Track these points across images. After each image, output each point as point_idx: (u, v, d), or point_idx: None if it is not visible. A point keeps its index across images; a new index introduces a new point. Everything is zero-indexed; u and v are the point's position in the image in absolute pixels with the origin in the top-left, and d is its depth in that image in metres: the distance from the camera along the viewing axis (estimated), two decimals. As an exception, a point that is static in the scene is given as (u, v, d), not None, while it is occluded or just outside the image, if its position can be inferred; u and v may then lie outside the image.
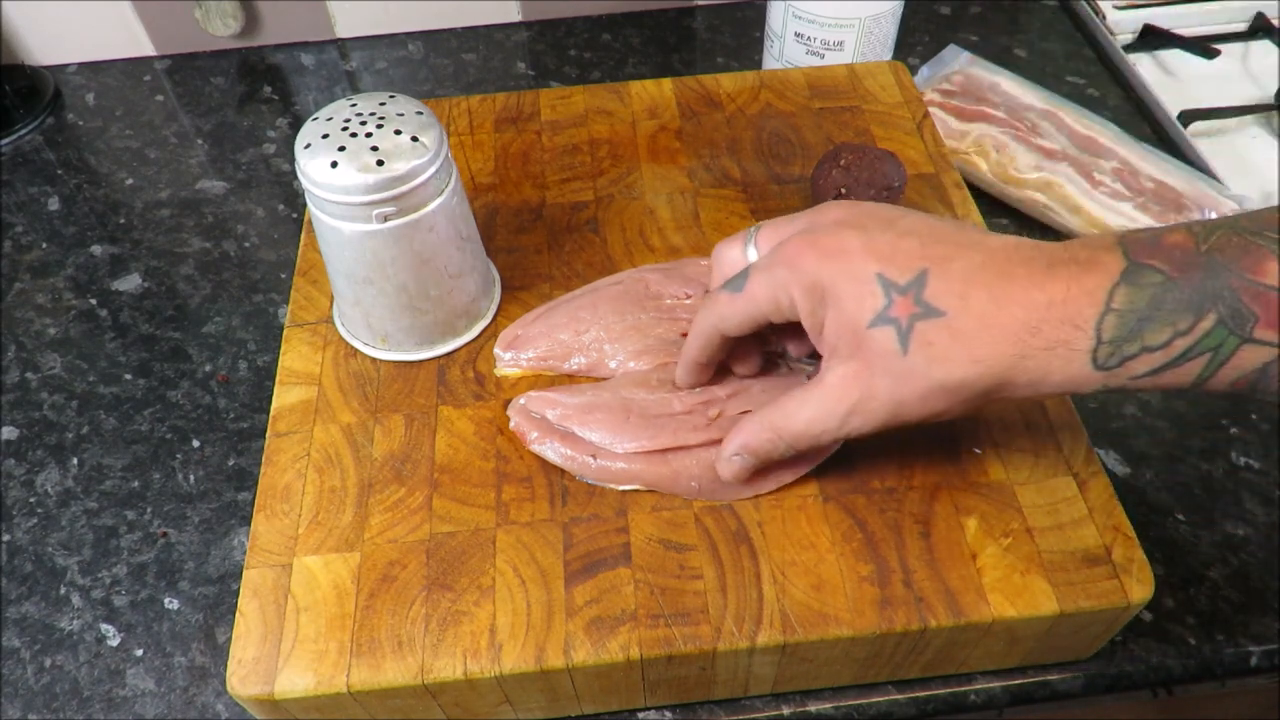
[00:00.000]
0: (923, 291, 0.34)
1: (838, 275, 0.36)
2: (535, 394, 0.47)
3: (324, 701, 0.39)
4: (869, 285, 0.35)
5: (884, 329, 0.35)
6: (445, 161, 0.44)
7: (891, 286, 0.35)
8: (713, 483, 0.43)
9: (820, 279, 0.36)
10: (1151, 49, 0.80)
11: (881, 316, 0.35)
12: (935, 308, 0.34)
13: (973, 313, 0.34)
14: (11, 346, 0.63)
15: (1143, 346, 0.32)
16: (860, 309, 0.35)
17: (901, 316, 0.35)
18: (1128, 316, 0.32)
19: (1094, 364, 0.33)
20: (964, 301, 0.34)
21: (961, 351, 0.34)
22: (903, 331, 0.35)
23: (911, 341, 0.34)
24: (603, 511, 0.43)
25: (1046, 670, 0.46)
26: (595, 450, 0.44)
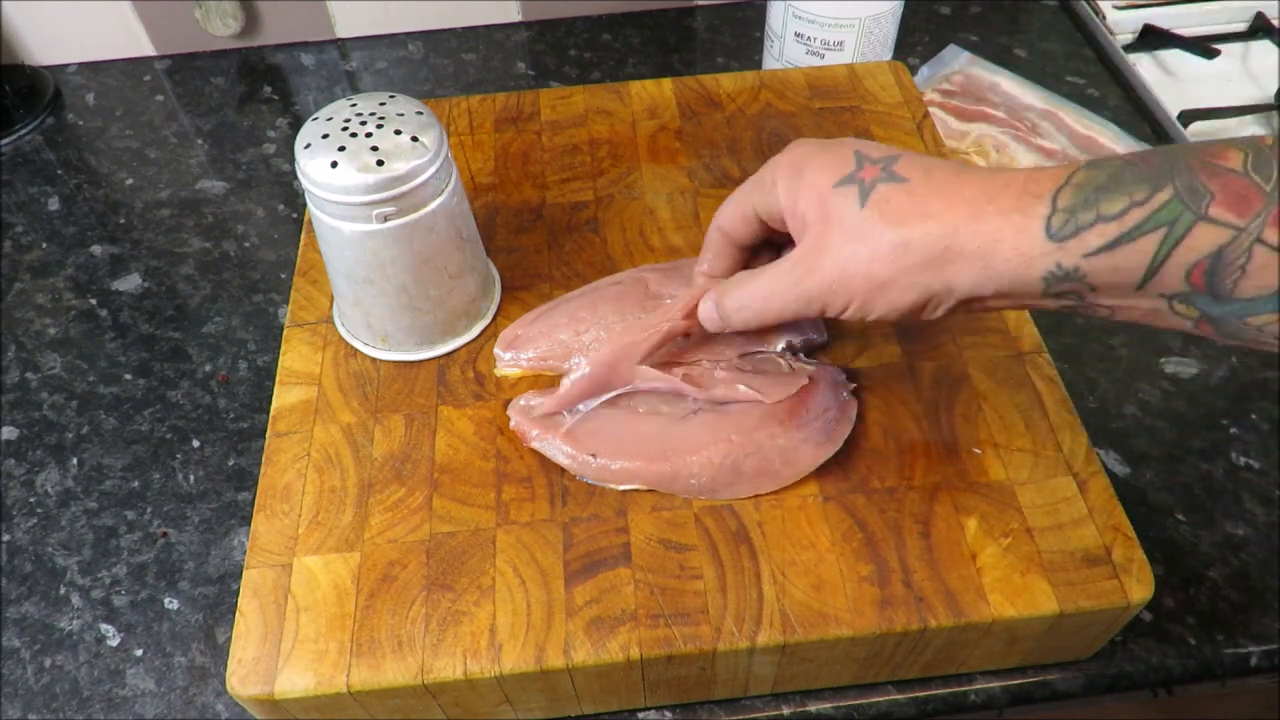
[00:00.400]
0: (892, 165, 0.37)
1: (818, 151, 0.39)
2: (536, 393, 0.47)
3: (324, 701, 0.39)
4: (844, 155, 0.38)
5: (847, 188, 0.37)
6: (445, 161, 0.44)
7: (864, 157, 0.37)
8: (713, 481, 0.43)
9: (803, 155, 0.39)
10: (1151, 49, 0.80)
11: (847, 178, 0.37)
12: (899, 174, 0.36)
13: (934, 181, 0.35)
14: (11, 346, 0.63)
15: (1098, 215, 0.32)
16: (830, 173, 0.37)
17: (866, 178, 0.36)
18: (1085, 188, 0.32)
19: (1047, 233, 0.33)
20: (927, 173, 0.36)
21: (916, 209, 0.35)
22: (864, 190, 0.36)
23: (870, 198, 0.36)
24: (603, 511, 0.43)
25: (1046, 670, 0.46)
26: (596, 449, 0.44)
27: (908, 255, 0.35)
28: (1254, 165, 0.30)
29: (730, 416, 0.44)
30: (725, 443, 0.43)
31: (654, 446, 0.44)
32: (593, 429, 0.45)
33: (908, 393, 0.47)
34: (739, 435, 0.43)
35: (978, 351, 0.48)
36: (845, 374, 0.47)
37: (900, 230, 0.35)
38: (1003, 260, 0.34)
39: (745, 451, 0.43)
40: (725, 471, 0.43)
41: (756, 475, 0.43)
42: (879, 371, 0.48)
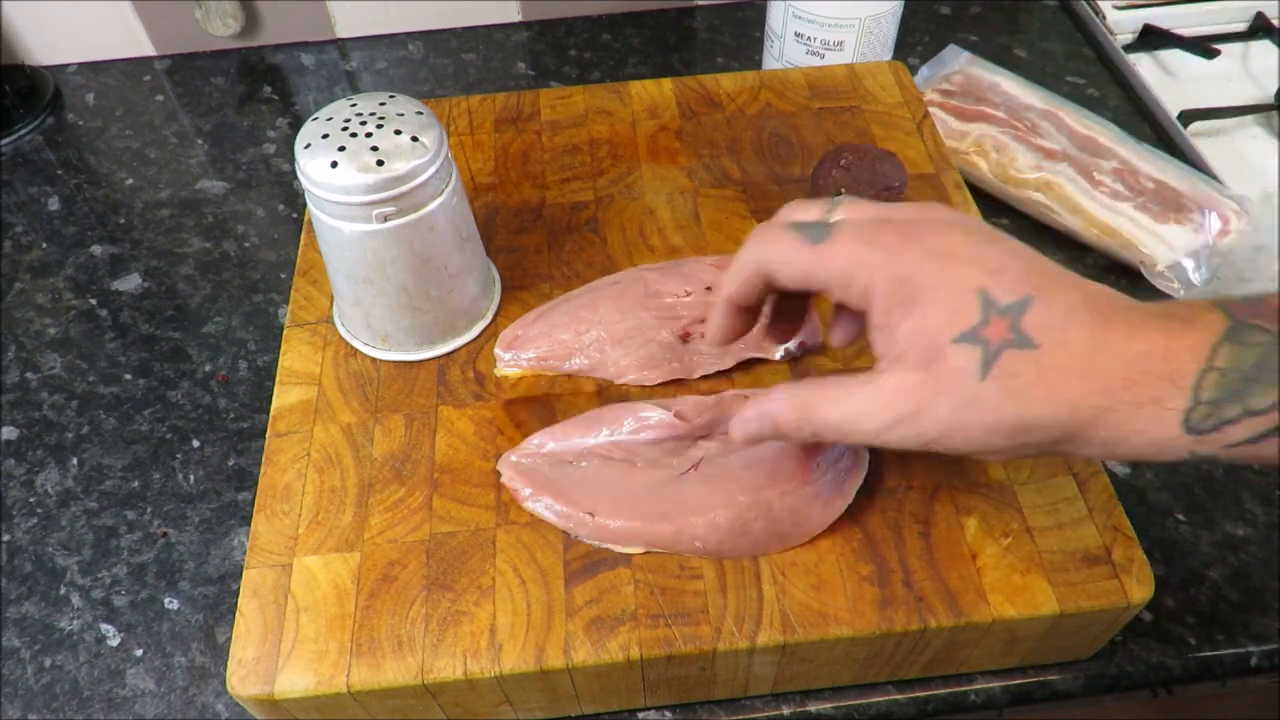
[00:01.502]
0: (1021, 319, 0.31)
1: (936, 278, 0.32)
2: (526, 447, 0.45)
3: (324, 701, 0.39)
4: (967, 298, 0.32)
5: (968, 348, 0.32)
6: (445, 161, 0.44)
7: (991, 305, 0.32)
8: (719, 544, 0.41)
9: (914, 276, 0.33)
10: (1151, 49, 0.80)
11: (970, 334, 0.32)
12: (1030, 338, 0.31)
13: (1067, 352, 0.31)
14: (11, 346, 0.63)
15: (1244, 410, 0.30)
16: (950, 321, 0.32)
17: (992, 339, 0.31)
18: (1231, 376, 0.29)
19: (1186, 426, 0.30)
20: (1061, 338, 0.31)
21: (1045, 391, 0.31)
22: (988, 355, 0.31)
23: (994, 368, 0.31)
24: (603, 511, 0.43)
25: (1046, 670, 0.46)
26: (593, 506, 0.42)
27: (1028, 435, 0.32)
28: None
29: (736, 473, 0.42)
30: (733, 505, 0.41)
31: (654, 505, 0.42)
32: (587, 484, 0.43)
33: (908, 393, 0.47)
34: (746, 495, 0.41)
35: (978, 351, 0.48)
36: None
37: (1027, 413, 0.31)
38: (1130, 448, 0.31)
39: (754, 513, 0.41)
40: (732, 534, 0.41)
41: (764, 537, 0.41)
42: (879, 371, 0.48)
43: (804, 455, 0.42)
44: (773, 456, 0.43)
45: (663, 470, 0.43)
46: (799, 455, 0.42)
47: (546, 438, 0.45)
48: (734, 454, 0.43)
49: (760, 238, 0.36)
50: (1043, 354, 0.31)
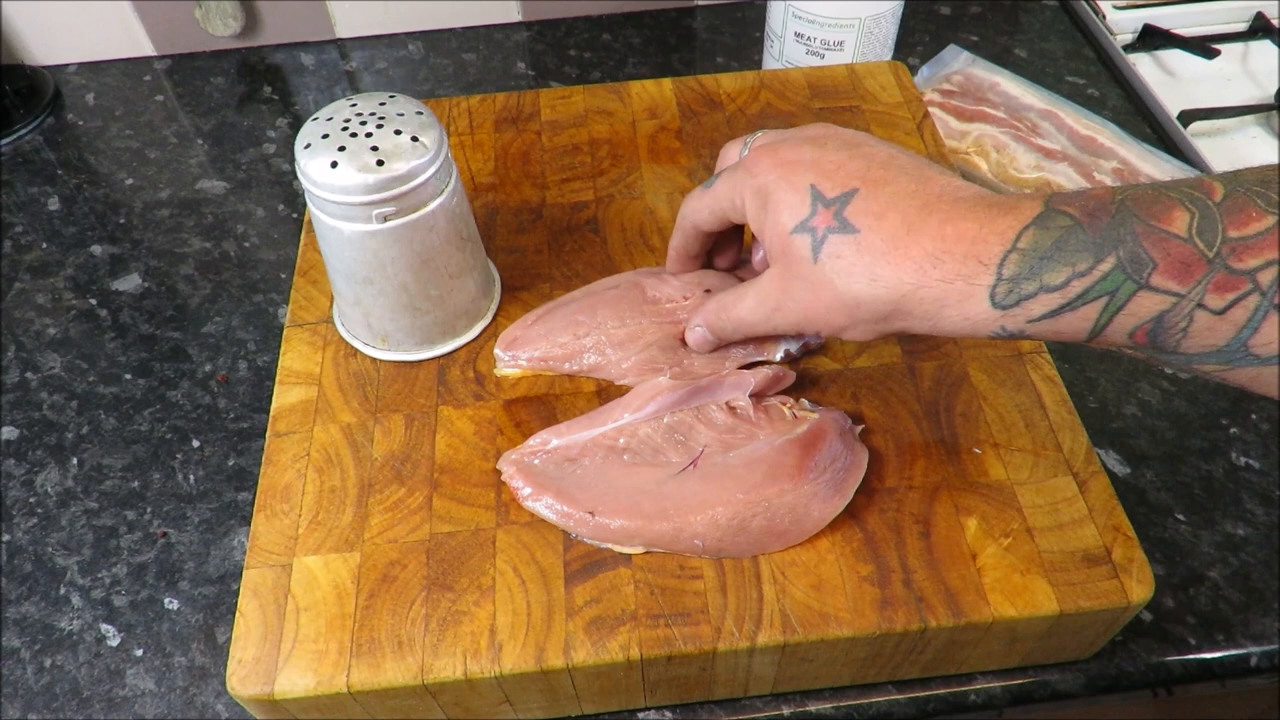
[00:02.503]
0: (845, 208, 0.36)
1: (780, 182, 0.38)
2: (529, 445, 0.45)
3: (324, 701, 0.39)
4: (801, 194, 0.37)
5: (802, 236, 0.37)
6: (445, 161, 0.44)
7: (819, 199, 0.37)
8: (719, 542, 0.41)
9: (767, 185, 0.39)
10: (1151, 49, 0.80)
11: (802, 225, 0.37)
12: (850, 224, 0.36)
13: (882, 234, 0.35)
14: (11, 346, 0.63)
15: (1040, 286, 0.32)
16: (789, 216, 0.38)
17: (819, 227, 0.37)
18: (1029, 255, 0.32)
19: (992, 301, 0.33)
20: (878, 222, 0.35)
21: (863, 268, 0.35)
22: (816, 241, 0.37)
23: (822, 251, 0.36)
24: (603, 511, 0.43)
25: (1046, 670, 0.46)
26: (593, 505, 0.42)
27: (859, 310, 0.36)
28: (1199, 229, 0.30)
29: (735, 471, 0.43)
30: (732, 502, 0.41)
31: (654, 504, 0.42)
32: (587, 484, 0.43)
33: (908, 393, 0.47)
34: (745, 493, 0.41)
35: (978, 351, 0.48)
36: (850, 417, 0.45)
37: (850, 288, 0.36)
38: (949, 322, 0.35)
39: (752, 511, 0.41)
40: (731, 532, 0.41)
41: (763, 535, 0.41)
42: (879, 371, 0.48)
43: (802, 454, 0.43)
44: (771, 455, 0.43)
45: (662, 468, 0.43)
46: (798, 454, 0.43)
47: (551, 434, 0.45)
48: (734, 451, 0.43)
49: (685, 200, 0.45)
50: (861, 237, 0.36)
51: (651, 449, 0.44)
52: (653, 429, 0.44)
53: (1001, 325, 0.34)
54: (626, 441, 0.44)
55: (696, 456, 0.43)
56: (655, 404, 0.45)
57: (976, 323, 0.34)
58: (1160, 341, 0.32)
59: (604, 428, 0.45)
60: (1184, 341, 0.31)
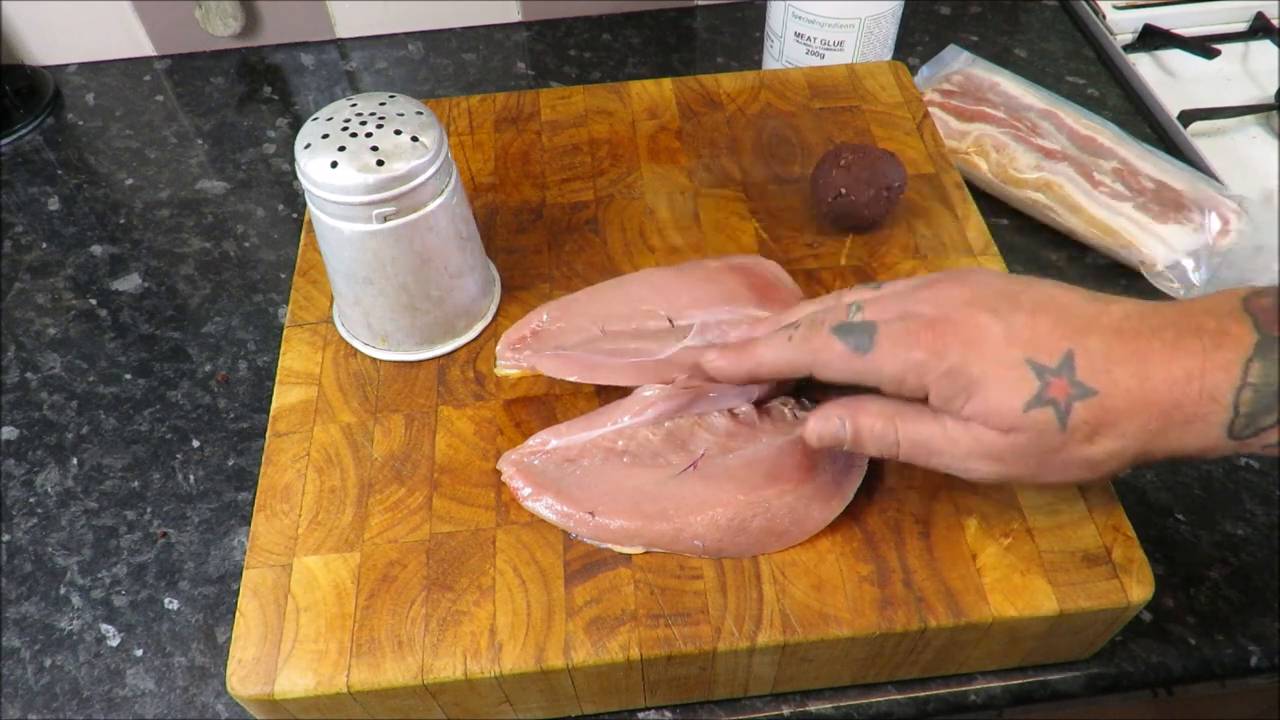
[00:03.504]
0: (1074, 373, 0.35)
1: (984, 363, 0.36)
2: (529, 445, 0.45)
3: (324, 701, 0.39)
4: (1019, 370, 0.36)
5: (1043, 410, 0.36)
6: (445, 161, 0.44)
7: (1044, 370, 0.36)
8: (718, 542, 0.41)
9: (963, 368, 0.36)
10: (1151, 49, 0.80)
11: (1037, 399, 0.36)
12: (1088, 387, 0.35)
13: (1120, 390, 0.35)
14: (11, 346, 0.63)
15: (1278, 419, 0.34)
16: (1013, 395, 0.36)
17: (1059, 397, 0.35)
18: (1263, 390, 0.33)
19: (1229, 434, 0.34)
20: (1111, 378, 0.35)
21: (1112, 428, 0.35)
22: (1061, 411, 0.35)
23: (1070, 420, 0.35)
24: (603, 511, 0.43)
25: (1046, 670, 0.46)
26: (593, 506, 0.42)
27: (1106, 465, 0.36)
28: None
29: (735, 472, 0.43)
30: (732, 503, 0.41)
31: (654, 504, 0.42)
32: (587, 484, 0.43)
33: (908, 393, 0.47)
34: (745, 494, 0.41)
35: (978, 351, 0.48)
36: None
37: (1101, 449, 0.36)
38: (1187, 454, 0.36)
39: (752, 512, 0.41)
40: (731, 532, 0.41)
41: (763, 535, 0.41)
42: (879, 371, 0.48)
43: (803, 454, 0.42)
44: (771, 455, 0.43)
45: (662, 469, 0.43)
46: (798, 454, 0.43)
47: (550, 435, 0.45)
48: (734, 453, 0.43)
49: (808, 344, 0.40)
50: (1103, 398, 0.35)
51: (651, 452, 0.44)
52: (652, 433, 0.44)
53: (1236, 450, 0.35)
54: (626, 444, 0.44)
55: (697, 458, 0.43)
56: (655, 409, 0.45)
57: (1212, 451, 0.35)
58: None
59: (603, 429, 0.45)
60: None
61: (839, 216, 0.53)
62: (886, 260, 0.52)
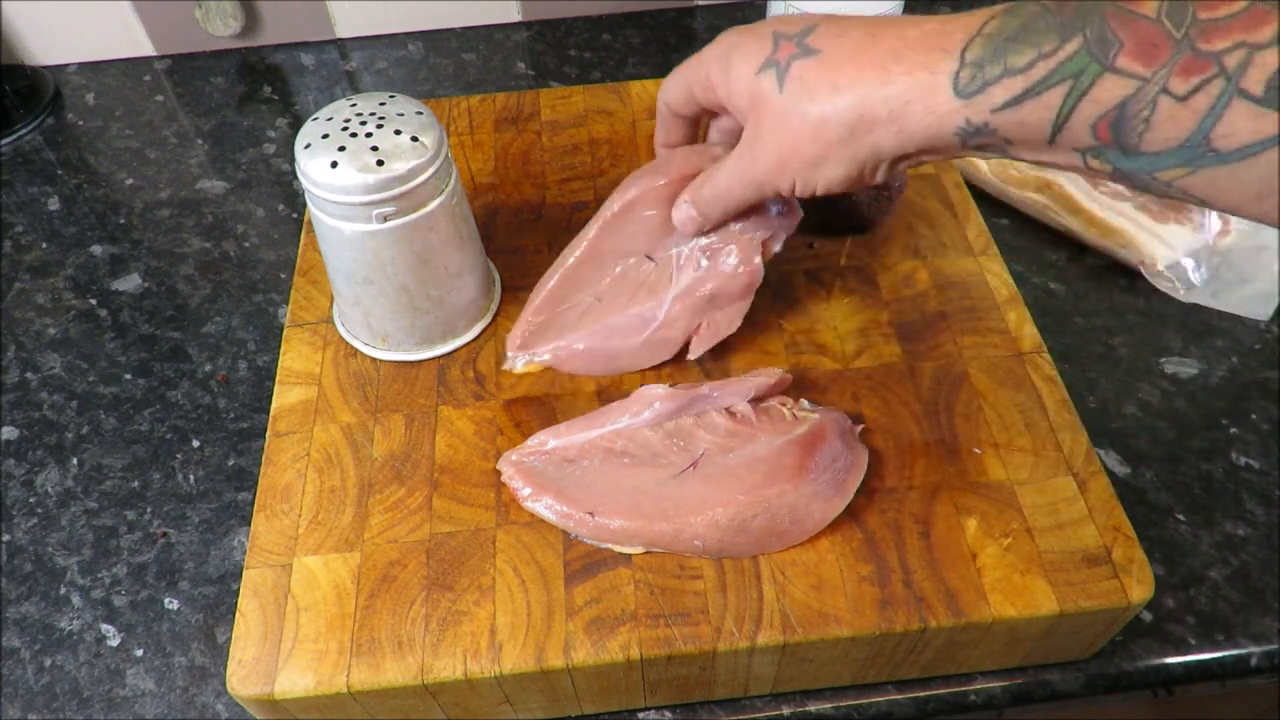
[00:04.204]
0: (806, 37, 0.36)
1: (742, 37, 0.39)
2: (529, 445, 0.45)
3: (324, 701, 0.39)
4: (763, 39, 0.38)
5: (767, 73, 0.37)
6: (445, 161, 0.44)
7: (780, 36, 0.37)
8: (719, 543, 0.41)
9: (728, 44, 0.39)
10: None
11: (766, 62, 0.37)
12: (812, 48, 0.36)
13: (845, 48, 0.35)
14: (11, 346, 0.63)
15: (1004, 69, 0.31)
16: (753, 60, 0.38)
17: (782, 59, 0.36)
18: (994, 39, 0.32)
19: (955, 88, 0.32)
20: (839, 40, 0.35)
21: (825, 81, 0.35)
22: (780, 71, 0.36)
23: (787, 79, 0.36)
24: (603, 511, 0.43)
25: (1046, 670, 0.46)
26: (593, 506, 0.42)
27: (827, 130, 0.35)
28: (1169, 12, 0.29)
29: (735, 472, 0.43)
30: (732, 503, 0.41)
31: (654, 505, 0.42)
32: (587, 484, 0.43)
33: (908, 393, 0.47)
34: (745, 494, 0.41)
35: (978, 351, 0.48)
36: (850, 417, 0.45)
37: (816, 106, 0.35)
38: (915, 121, 0.34)
39: (753, 512, 0.41)
40: (731, 532, 0.41)
41: (763, 536, 0.41)
42: (879, 371, 0.48)
43: (803, 454, 0.42)
44: (772, 455, 0.43)
45: (662, 469, 0.43)
46: (798, 454, 0.43)
47: (549, 435, 0.45)
48: (734, 453, 0.43)
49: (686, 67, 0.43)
50: (825, 56, 0.35)
51: (651, 452, 0.44)
52: (652, 433, 0.44)
53: (965, 118, 0.33)
54: (626, 444, 0.44)
55: (697, 458, 0.43)
56: (654, 409, 0.45)
57: (941, 116, 0.33)
58: (1123, 136, 0.30)
59: (603, 429, 0.45)
60: (1146, 135, 0.30)
61: (839, 216, 0.53)
62: (887, 260, 0.52)
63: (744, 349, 0.49)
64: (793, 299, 0.51)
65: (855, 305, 0.50)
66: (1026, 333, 0.49)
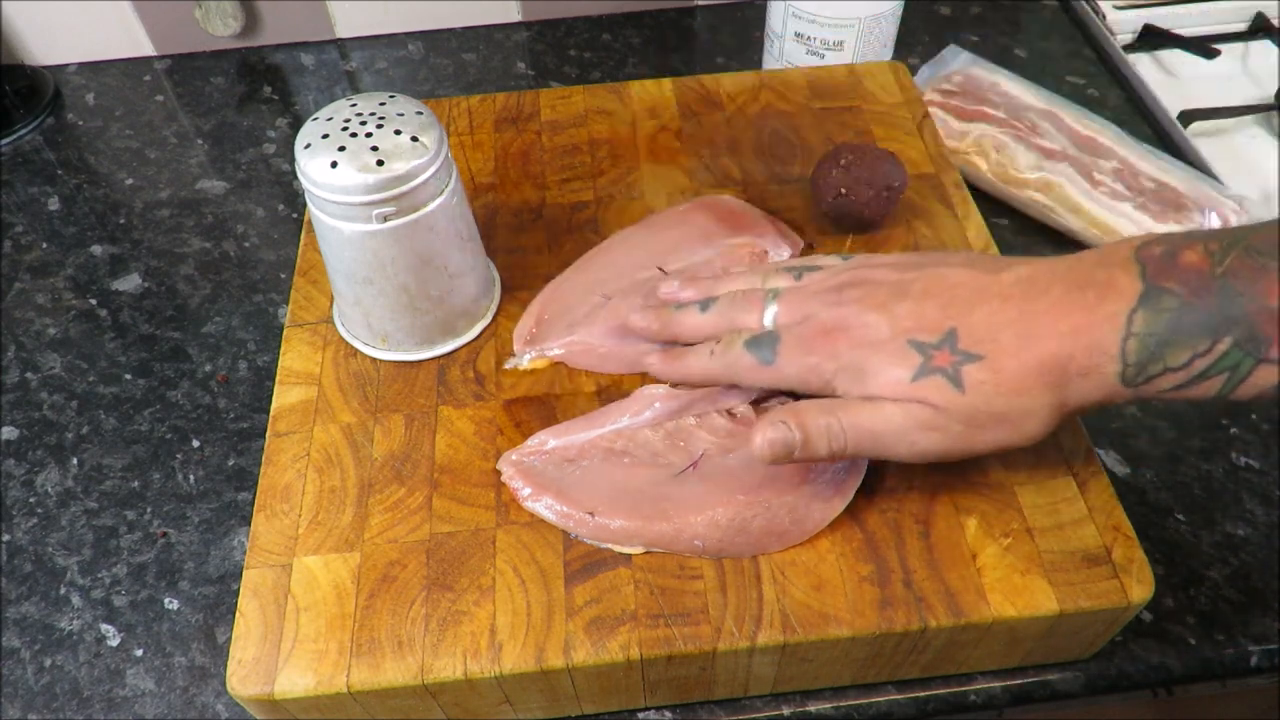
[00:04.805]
0: (956, 344, 0.37)
1: (873, 356, 0.38)
2: (529, 445, 0.45)
3: (324, 701, 0.39)
4: (902, 352, 0.38)
5: (931, 378, 0.37)
6: (445, 161, 0.44)
7: (925, 346, 0.38)
8: (719, 542, 0.41)
9: (855, 363, 0.39)
10: (1151, 49, 0.80)
11: (923, 369, 0.37)
12: (972, 353, 0.37)
13: (1008, 351, 0.36)
14: (11, 346, 0.63)
15: (1165, 367, 0.35)
16: (901, 370, 0.38)
17: (945, 365, 0.37)
18: (1148, 340, 0.34)
19: (1123, 382, 0.35)
20: (996, 344, 0.36)
21: (1010, 384, 0.36)
22: (951, 375, 0.37)
23: (964, 381, 0.37)
24: (603, 511, 0.43)
25: (1046, 670, 0.46)
26: (593, 506, 0.42)
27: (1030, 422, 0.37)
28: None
29: (735, 472, 0.43)
30: (732, 503, 0.41)
31: (654, 505, 0.42)
32: (587, 484, 0.43)
33: (908, 393, 0.47)
34: (745, 494, 0.41)
35: (978, 351, 0.48)
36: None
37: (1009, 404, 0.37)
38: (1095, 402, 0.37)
39: (753, 512, 0.41)
40: (731, 532, 0.41)
41: (763, 536, 0.41)
42: (879, 371, 0.48)
43: None
44: None
45: (662, 469, 0.43)
46: None
47: (549, 435, 0.45)
48: (733, 453, 0.43)
49: (723, 359, 0.42)
50: (990, 360, 0.36)
51: (651, 452, 0.44)
52: (652, 433, 0.44)
53: (1138, 396, 0.36)
54: (626, 444, 0.44)
55: (697, 458, 0.43)
56: (654, 410, 0.45)
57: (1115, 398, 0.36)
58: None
59: (603, 429, 0.45)
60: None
61: (839, 216, 0.53)
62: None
63: (744, 349, 0.49)
64: (793, 299, 0.51)
65: (855, 305, 0.50)
66: (1026, 333, 0.49)
